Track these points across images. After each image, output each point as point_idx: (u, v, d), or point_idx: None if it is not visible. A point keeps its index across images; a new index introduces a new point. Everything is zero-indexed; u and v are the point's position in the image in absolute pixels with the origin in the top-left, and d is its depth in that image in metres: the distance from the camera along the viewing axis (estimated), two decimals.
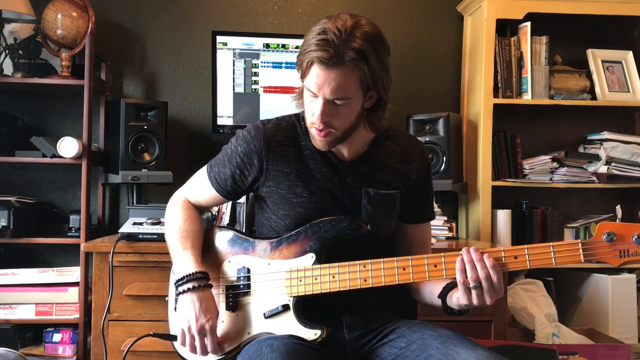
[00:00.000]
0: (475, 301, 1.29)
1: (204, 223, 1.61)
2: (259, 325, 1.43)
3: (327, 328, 1.38)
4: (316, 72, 1.33)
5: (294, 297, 1.41)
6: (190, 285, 1.40)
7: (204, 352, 1.40)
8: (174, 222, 1.55)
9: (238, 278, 1.47)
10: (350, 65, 1.32)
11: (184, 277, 1.41)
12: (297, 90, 1.46)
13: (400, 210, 1.53)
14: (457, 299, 1.33)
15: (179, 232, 1.51)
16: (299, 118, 1.51)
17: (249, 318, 1.44)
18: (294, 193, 1.45)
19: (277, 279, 1.43)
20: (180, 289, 1.41)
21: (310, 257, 1.41)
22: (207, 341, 1.40)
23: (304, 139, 1.48)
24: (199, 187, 1.58)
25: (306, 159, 1.47)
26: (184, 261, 1.45)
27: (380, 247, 1.49)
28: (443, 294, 1.38)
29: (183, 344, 1.41)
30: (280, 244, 1.45)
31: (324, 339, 1.37)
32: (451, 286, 1.37)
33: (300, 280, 1.40)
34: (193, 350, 1.41)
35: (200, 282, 1.41)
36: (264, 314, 1.42)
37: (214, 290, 1.46)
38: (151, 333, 1.54)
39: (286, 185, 1.46)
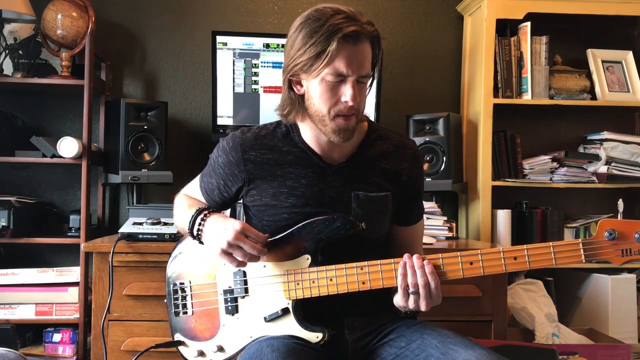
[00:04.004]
0: (411, 305, 1.33)
1: None
2: (260, 329, 1.42)
3: (329, 330, 1.38)
4: (346, 51, 1.30)
5: (292, 300, 1.40)
6: (201, 216, 1.42)
7: (257, 248, 1.35)
8: (181, 205, 1.56)
9: (234, 281, 1.46)
10: (369, 38, 1.34)
11: (191, 218, 1.43)
12: (290, 95, 1.40)
13: (393, 211, 1.50)
14: (396, 300, 1.37)
15: (185, 208, 1.52)
16: (280, 125, 1.49)
17: (250, 321, 1.44)
18: (278, 200, 1.43)
19: (274, 282, 1.42)
20: (196, 228, 1.42)
21: (306, 259, 1.40)
22: (251, 236, 1.35)
23: (285, 145, 1.46)
24: (195, 194, 1.59)
25: (289, 164, 1.44)
26: (188, 215, 1.46)
27: (374, 247, 1.48)
28: (392, 294, 1.41)
29: (239, 264, 1.37)
30: (274, 245, 1.43)
31: (326, 341, 1.37)
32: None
33: (298, 284, 1.39)
34: (249, 258, 1.35)
35: (204, 211, 1.43)
36: (265, 318, 1.42)
37: (212, 296, 1.47)
38: (154, 345, 1.56)
39: (270, 192, 1.44)
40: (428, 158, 2.58)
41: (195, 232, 1.43)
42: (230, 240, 1.33)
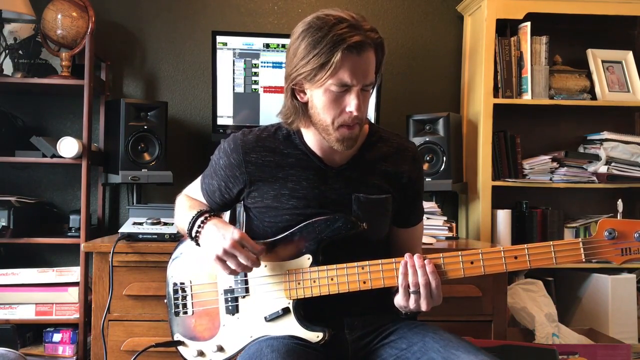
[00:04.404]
0: (412, 305, 1.33)
1: None
2: (260, 329, 1.42)
3: (330, 329, 1.38)
4: (350, 61, 1.29)
5: (293, 300, 1.40)
6: (199, 222, 1.42)
7: (252, 259, 1.35)
8: (182, 205, 1.57)
9: (235, 281, 1.46)
10: (373, 46, 1.33)
11: (191, 219, 1.43)
12: (293, 103, 1.39)
13: (392, 213, 1.50)
14: (397, 300, 1.36)
15: (186, 209, 1.53)
16: (281, 127, 1.48)
17: (250, 321, 1.44)
18: (280, 202, 1.43)
19: (275, 281, 1.42)
20: (195, 230, 1.42)
21: (307, 259, 1.40)
22: (248, 248, 1.35)
23: (287, 147, 1.45)
24: (197, 195, 1.59)
25: (290, 167, 1.44)
26: (189, 216, 1.46)
27: (375, 248, 1.47)
28: (393, 295, 1.41)
29: (232, 272, 1.37)
30: (275, 245, 1.43)
31: (326, 341, 1.37)
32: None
33: (299, 283, 1.39)
34: (242, 267, 1.35)
35: (206, 214, 1.43)
36: (265, 318, 1.42)
37: (212, 296, 1.47)
38: (154, 344, 1.56)
39: (271, 194, 1.44)
40: (428, 158, 2.58)
41: (193, 234, 1.43)
42: (227, 248, 1.34)
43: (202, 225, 1.41)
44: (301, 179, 1.43)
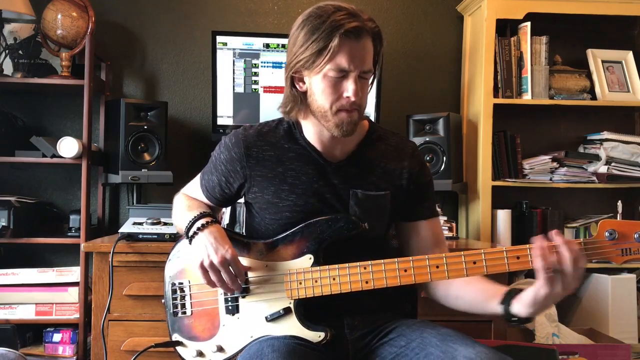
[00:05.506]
0: (559, 288, 1.23)
1: None
2: (261, 329, 1.42)
3: (331, 329, 1.38)
4: (347, 46, 1.31)
5: (294, 299, 1.40)
6: (199, 224, 1.42)
7: (234, 281, 1.37)
8: (180, 204, 1.57)
9: None
10: (370, 34, 1.34)
11: (189, 221, 1.43)
12: (292, 92, 1.41)
13: (396, 210, 1.50)
14: (536, 289, 1.25)
15: (184, 209, 1.53)
16: (282, 122, 1.49)
17: (251, 321, 1.44)
18: (279, 197, 1.44)
19: (276, 282, 1.42)
20: (193, 230, 1.42)
21: (308, 259, 1.40)
22: (234, 270, 1.37)
23: (287, 142, 1.46)
24: (195, 193, 1.60)
25: (290, 162, 1.45)
26: (189, 215, 1.46)
27: (374, 245, 1.48)
28: (506, 301, 1.33)
29: (210, 283, 1.38)
30: (276, 245, 1.43)
31: (327, 341, 1.37)
32: (513, 294, 1.32)
33: (300, 283, 1.39)
34: (222, 284, 1.37)
35: (208, 218, 1.43)
36: (266, 318, 1.42)
37: (212, 296, 1.47)
38: (153, 344, 1.56)
39: (271, 190, 1.45)
40: (428, 158, 2.58)
41: (190, 233, 1.43)
42: (215, 262, 1.35)
43: (202, 228, 1.41)
44: (300, 174, 1.44)
